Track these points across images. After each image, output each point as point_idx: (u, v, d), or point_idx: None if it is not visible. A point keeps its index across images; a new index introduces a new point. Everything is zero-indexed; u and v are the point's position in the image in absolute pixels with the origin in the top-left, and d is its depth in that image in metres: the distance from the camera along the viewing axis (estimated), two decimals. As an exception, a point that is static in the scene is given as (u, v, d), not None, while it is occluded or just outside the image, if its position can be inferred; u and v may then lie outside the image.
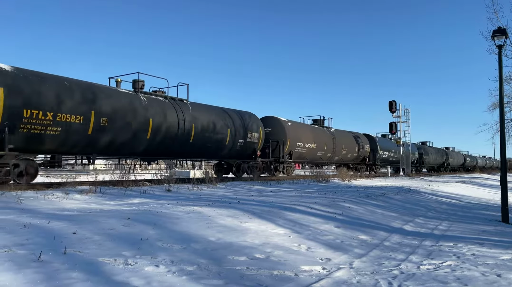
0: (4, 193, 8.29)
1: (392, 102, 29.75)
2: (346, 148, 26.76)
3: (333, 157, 25.47)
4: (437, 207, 12.34)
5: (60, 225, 5.36)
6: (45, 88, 10.95)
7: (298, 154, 21.86)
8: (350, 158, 27.93)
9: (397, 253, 6.16)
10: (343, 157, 26.89)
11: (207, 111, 16.37)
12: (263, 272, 4.52)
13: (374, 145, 30.83)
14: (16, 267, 3.68)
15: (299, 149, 21.72)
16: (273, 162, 20.55)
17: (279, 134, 20.66)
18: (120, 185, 11.56)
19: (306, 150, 22.36)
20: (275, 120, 21.35)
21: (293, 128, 21.45)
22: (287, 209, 8.37)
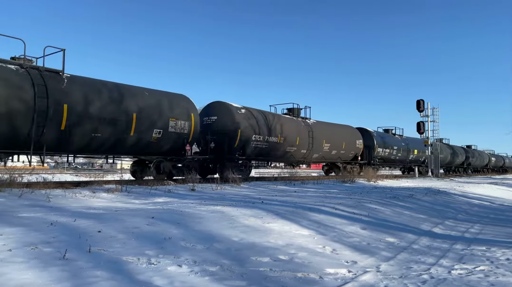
0: (34, 192, 8.51)
1: (420, 101, 29.00)
2: (329, 143, 21.70)
3: (310, 154, 20.49)
4: (467, 209, 11.90)
5: (86, 223, 5.43)
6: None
7: (258, 150, 17.16)
8: (335, 155, 22.93)
9: (426, 256, 5.93)
10: (326, 155, 22.03)
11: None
12: (286, 274, 4.43)
13: (369, 140, 26.04)
14: (42, 265, 3.73)
15: (257, 143, 16.95)
16: (216, 160, 16.09)
17: (228, 124, 16.09)
18: (145, 184, 11.70)
19: (268, 145, 17.54)
20: (222, 106, 16.72)
21: (248, 117, 16.65)
22: (311, 209, 8.24)
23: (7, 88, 9.86)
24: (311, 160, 21.88)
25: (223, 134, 15.83)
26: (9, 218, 5.45)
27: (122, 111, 11.93)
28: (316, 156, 21.41)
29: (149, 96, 13.05)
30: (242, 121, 16.27)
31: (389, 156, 28.32)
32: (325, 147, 21.66)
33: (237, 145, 16.10)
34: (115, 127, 11.75)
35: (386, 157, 28.04)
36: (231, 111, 16.34)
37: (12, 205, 6.88)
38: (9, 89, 9.88)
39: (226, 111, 16.46)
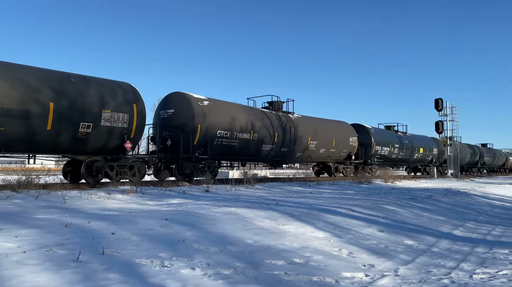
0: (50, 193, 8.60)
1: (438, 99, 28.46)
2: (316, 141, 19.48)
3: (293, 152, 18.34)
4: (489, 210, 11.56)
5: (100, 225, 5.43)
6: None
7: (223, 147, 15.01)
8: (324, 154, 20.60)
9: (446, 260, 5.75)
10: (312, 153, 19.66)
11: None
12: (301, 277, 4.33)
13: (366, 138, 23.94)
14: (56, 267, 3.72)
15: (223, 140, 14.83)
16: (173, 160, 13.93)
17: (186, 117, 13.91)
18: (160, 185, 11.74)
19: (238, 143, 15.38)
20: (181, 98, 14.43)
21: (212, 109, 14.50)
22: (327, 211, 8.10)
23: None
24: (295, 160, 19.60)
25: (181, 129, 13.71)
26: (25, 220, 5.50)
27: (34, 100, 10.00)
28: (300, 155, 19.06)
29: (75, 83, 10.97)
30: (203, 114, 14.05)
31: (389, 155, 26.07)
32: (311, 144, 19.30)
33: (198, 141, 13.95)
34: (26, 120, 9.84)
35: (386, 156, 25.85)
36: (190, 102, 14.09)
37: (29, 207, 6.95)
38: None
39: (184, 103, 14.17)
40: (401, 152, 27.36)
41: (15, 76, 9.90)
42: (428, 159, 31.67)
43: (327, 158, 21.25)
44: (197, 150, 14.13)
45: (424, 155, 30.60)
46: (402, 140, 28.02)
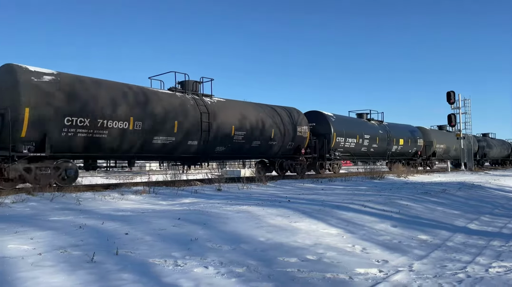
0: (64, 195, 8.71)
1: (450, 92, 28.09)
2: (243, 131, 15.20)
3: (207, 146, 14.07)
4: (505, 203, 11.38)
5: (114, 225, 5.48)
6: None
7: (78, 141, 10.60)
8: (260, 148, 16.34)
9: (461, 254, 5.68)
10: (240, 147, 15.42)
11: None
12: (315, 274, 4.31)
13: (323, 127, 20.07)
14: (71, 268, 3.77)
15: (78, 130, 10.52)
16: None
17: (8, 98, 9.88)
18: (172, 185, 11.81)
19: (105, 133, 11.19)
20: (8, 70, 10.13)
21: (57, 88, 10.22)
22: (339, 207, 8.07)
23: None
24: (214, 155, 14.89)
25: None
26: (40, 222, 5.58)
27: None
28: (222, 149, 14.87)
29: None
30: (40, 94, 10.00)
31: (357, 147, 21.87)
32: (237, 136, 15.06)
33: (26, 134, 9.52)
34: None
35: (353, 148, 21.67)
36: (17, 75, 9.72)
37: (44, 209, 7.06)
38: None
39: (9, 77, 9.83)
40: (373, 144, 23.12)
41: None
42: (412, 151, 27.23)
43: (265, 152, 17.01)
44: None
45: (406, 147, 26.32)
46: (376, 130, 23.76)
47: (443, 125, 33.47)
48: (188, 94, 14.37)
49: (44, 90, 10.26)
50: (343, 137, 21.10)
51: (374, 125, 23.89)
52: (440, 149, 30.04)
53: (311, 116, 20.53)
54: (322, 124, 20.47)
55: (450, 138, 31.13)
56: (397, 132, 25.65)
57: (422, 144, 27.92)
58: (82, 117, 10.84)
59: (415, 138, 27.20)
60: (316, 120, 20.62)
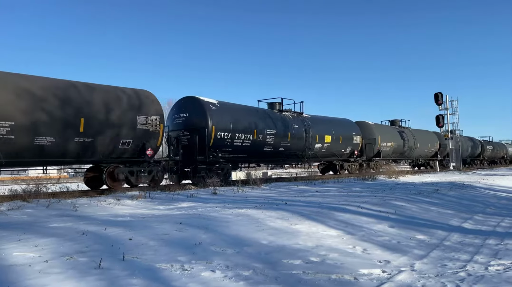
0: (60, 201, 8.63)
1: (438, 94, 28.55)
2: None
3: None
4: (495, 202, 11.62)
5: (116, 231, 5.47)
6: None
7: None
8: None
9: (460, 253, 5.79)
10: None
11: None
12: (320, 276, 4.37)
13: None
14: (79, 275, 3.76)
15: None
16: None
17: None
18: (167, 190, 11.77)
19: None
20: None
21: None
22: (336, 209, 8.15)
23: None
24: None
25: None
26: (41, 229, 5.54)
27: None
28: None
29: None
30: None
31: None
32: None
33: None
34: None
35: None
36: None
37: (41, 216, 6.99)
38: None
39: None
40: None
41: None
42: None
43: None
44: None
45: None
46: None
47: (395, 120, 29.68)
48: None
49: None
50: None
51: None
52: (387, 148, 25.44)
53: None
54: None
55: (401, 135, 27.66)
56: (322, 128, 20.50)
57: (360, 142, 22.94)
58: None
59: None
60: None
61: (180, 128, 14.87)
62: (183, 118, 14.91)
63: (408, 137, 28.02)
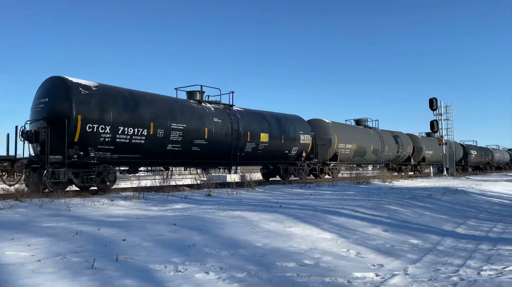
0: (53, 201, 8.58)
1: (433, 99, 28.71)
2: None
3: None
4: (489, 208, 11.70)
5: (110, 231, 5.44)
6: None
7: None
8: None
9: (453, 258, 5.83)
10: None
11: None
12: (314, 279, 4.37)
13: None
14: (72, 275, 3.73)
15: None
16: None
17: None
18: (161, 191, 11.73)
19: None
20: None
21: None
22: (330, 212, 8.17)
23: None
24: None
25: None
26: (34, 228, 5.49)
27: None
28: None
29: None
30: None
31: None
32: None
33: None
34: None
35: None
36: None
37: (35, 215, 6.94)
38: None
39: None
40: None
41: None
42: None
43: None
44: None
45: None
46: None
47: (361, 119, 26.65)
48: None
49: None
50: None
51: (206, 111, 14.78)
52: (347, 151, 22.25)
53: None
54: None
55: (365, 135, 24.59)
56: (257, 124, 16.68)
57: (309, 143, 19.29)
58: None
59: (295, 134, 18.19)
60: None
61: (39, 118, 11.34)
62: (43, 104, 11.38)
63: (374, 138, 24.91)
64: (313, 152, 19.70)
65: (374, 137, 25.16)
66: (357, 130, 24.73)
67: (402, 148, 27.84)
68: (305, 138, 19.00)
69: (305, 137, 19.02)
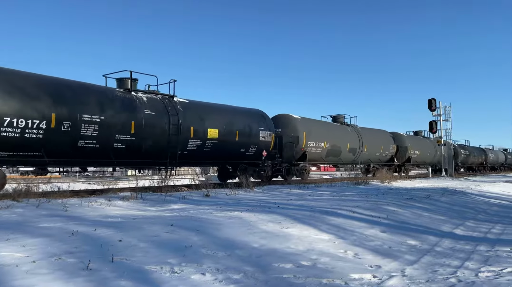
0: (50, 201, 8.54)
1: (431, 100, 28.70)
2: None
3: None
4: (487, 209, 11.69)
5: (106, 232, 5.41)
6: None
7: None
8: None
9: (451, 259, 5.81)
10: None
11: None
12: (311, 280, 4.35)
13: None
14: (67, 276, 3.70)
15: None
16: None
17: None
18: (159, 191, 11.70)
19: None
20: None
21: None
22: (328, 213, 8.14)
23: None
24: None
25: None
26: (30, 229, 5.46)
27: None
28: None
29: None
30: None
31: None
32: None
33: None
34: None
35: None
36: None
37: (31, 215, 6.90)
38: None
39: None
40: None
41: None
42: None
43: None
44: None
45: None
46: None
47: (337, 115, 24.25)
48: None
49: None
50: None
51: (135, 101, 12.53)
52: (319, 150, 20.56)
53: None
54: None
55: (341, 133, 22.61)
56: (205, 118, 14.74)
57: (271, 140, 17.56)
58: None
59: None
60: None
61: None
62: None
63: (351, 136, 22.98)
64: (279, 151, 18.04)
65: (351, 135, 22.94)
66: (331, 127, 22.45)
67: (384, 147, 25.42)
68: (265, 135, 17.05)
69: (266, 134, 17.08)
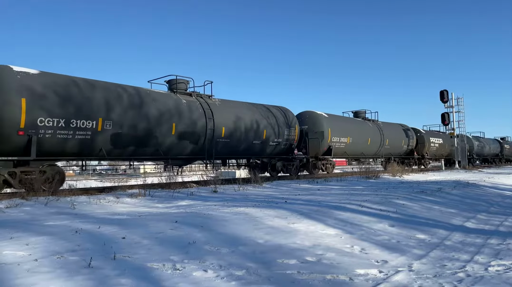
0: (59, 199, 8.61)
1: (443, 91, 28.24)
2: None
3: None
4: (500, 201, 11.44)
5: (110, 229, 5.42)
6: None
7: None
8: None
9: (460, 253, 5.68)
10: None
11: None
12: (315, 276, 4.28)
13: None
14: (68, 274, 3.70)
15: None
16: None
17: None
18: (168, 188, 11.73)
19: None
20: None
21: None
22: (336, 208, 8.05)
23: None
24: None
25: None
26: (36, 227, 5.50)
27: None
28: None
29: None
30: None
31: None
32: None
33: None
34: None
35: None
36: None
37: (39, 214, 6.97)
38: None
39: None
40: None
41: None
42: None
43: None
44: None
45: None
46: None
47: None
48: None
49: None
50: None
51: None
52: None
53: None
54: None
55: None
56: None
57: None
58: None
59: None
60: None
61: None
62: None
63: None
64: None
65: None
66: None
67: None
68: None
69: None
